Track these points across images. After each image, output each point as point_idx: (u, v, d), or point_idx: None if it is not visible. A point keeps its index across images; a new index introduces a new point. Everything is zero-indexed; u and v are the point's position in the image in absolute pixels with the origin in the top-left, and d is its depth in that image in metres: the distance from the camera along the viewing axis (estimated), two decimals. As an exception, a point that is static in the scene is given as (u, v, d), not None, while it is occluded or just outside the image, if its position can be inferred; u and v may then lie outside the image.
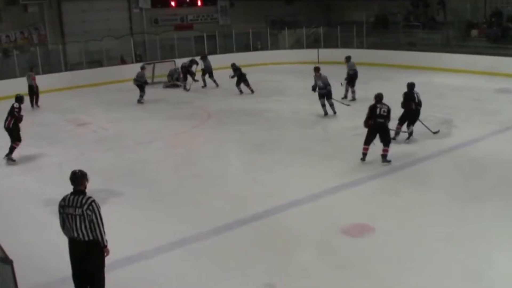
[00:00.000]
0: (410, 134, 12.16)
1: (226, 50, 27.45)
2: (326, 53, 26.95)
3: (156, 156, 12.22)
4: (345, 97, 17.05)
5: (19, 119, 12.16)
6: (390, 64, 23.90)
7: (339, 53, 26.44)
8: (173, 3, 28.53)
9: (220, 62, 25.22)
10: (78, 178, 5.65)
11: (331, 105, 14.77)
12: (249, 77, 20.37)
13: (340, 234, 7.55)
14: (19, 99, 12.56)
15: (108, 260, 6.01)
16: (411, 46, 25.51)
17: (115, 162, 11.69)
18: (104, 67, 24.05)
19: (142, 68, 19.37)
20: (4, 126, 12.12)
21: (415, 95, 12.12)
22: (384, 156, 10.51)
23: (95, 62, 24.44)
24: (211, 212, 8.59)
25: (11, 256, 4.86)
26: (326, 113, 14.84)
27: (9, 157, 11.97)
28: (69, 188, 5.86)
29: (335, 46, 27.49)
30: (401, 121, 12.09)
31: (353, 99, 16.95)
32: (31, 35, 24.20)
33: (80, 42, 23.69)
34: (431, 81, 19.87)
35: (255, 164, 11.23)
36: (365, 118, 10.55)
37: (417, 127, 12.18)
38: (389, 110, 10.55)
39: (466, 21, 24.90)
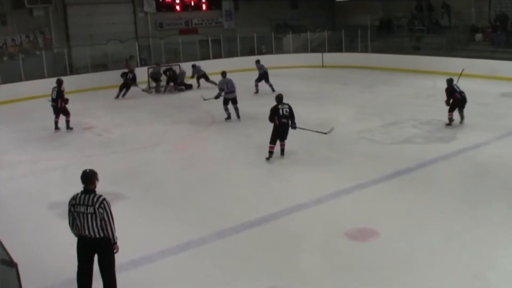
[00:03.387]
0: (462, 117, 13.79)
1: (231, 54, 27.46)
2: (331, 57, 27.03)
3: (161, 159, 12.25)
4: (256, 91, 19.89)
5: (67, 100, 14.97)
6: (394, 68, 23.93)
7: (344, 57, 26.68)
8: (178, 7, 28.57)
9: (225, 66, 25.28)
10: (89, 177, 5.81)
11: (236, 109, 15.29)
12: (253, 81, 20.43)
13: (345, 238, 7.54)
14: (62, 82, 15.27)
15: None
16: (416, 50, 25.52)
17: (120, 165, 11.70)
18: (109, 70, 24.08)
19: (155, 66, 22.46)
20: (57, 106, 14.83)
21: (455, 87, 13.75)
22: (282, 150, 11.46)
23: (100, 66, 24.51)
24: (215, 215, 8.59)
25: (15, 259, 4.86)
26: (229, 117, 15.34)
27: (69, 128, 15.02)
28: (74, 191, 5.93)
29: (340, 50, 27.53)
30: (451, 109, 13.70)
31: (273, 90, 19.20)
32: (36, 38, 24.28)
33: (85, 45, 23.77)
34: (436, 85, 19.86)
35: (260, 168, 11.22)
36: (269, 116, 11.24)
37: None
38: (290, 108, 11.29)
39: (470, 25, 24.87)
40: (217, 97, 15.55)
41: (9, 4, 23.11)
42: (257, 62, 20.87)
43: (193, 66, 22.47)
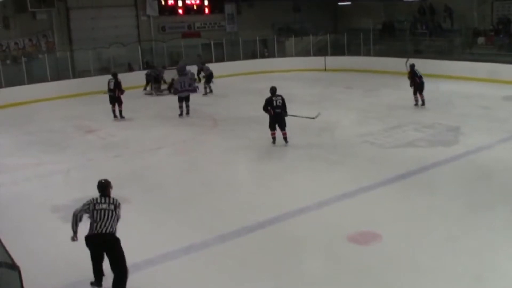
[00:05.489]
0: (423, 100, 16.59)
1: (233, 57, 27.50)
2: (333, 61, 27.03)
3: (164, 162, 12.26)
4: (206, 93, 21.12)
5: (123, 91, 16.71)
6: (397, 72, 23.79)
7: (346, 61, 26.68)
8: (180, 11, 28.58)
9: (227, 69, 25.35)
10: (105, 187, 6.53)
11: (187, 106, 16.78)
12: (256, 84, 20.49)
13: (347, 241, 7.53)
14: (117, 74, 17.11)
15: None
16: (418, 53, 25.48)
17: (123, 169, 11.70)
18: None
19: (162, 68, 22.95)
20: (115, 95, 16.56)
21: (416, 72, 16.54)
22: (285, 139, 12.64)
23: (103, 69, 24.54)
24: (218, 219, 8.60)
25: (18, 262, 4.88)
26: (181, 114, 16.70)
27: (122, 116, 16.90)
28: (76, 194, 6.09)
29: (342, 53, 27.53)
30: (414, 92, 16.72)
31: (211, 91, 21.28)
32: (39, 42, 24.33)
33: (88, 49, 23.82)
34: (438, 89, 19.86)
35: (262, 171, 11.25)
36: (263, 105, 12.54)
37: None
38: (283, 99, 12.54)
39: (473, 29, 24.87)
40: (175, 93, 17.76)
41: (12, 8, 23.15)
42: (203, 63, 22.36)
43: (177, 62, 22.92)
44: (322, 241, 7.64)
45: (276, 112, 12.44)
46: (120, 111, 16.92)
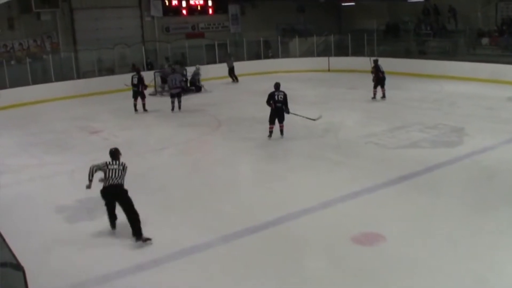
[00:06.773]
0: (383, 93, 18.01)
1: (237, 58, 27.52)
2: (337, 61, 27.03)
3: (167, 163, 12.27)
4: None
5: (146, 86, 18.06)
6: (400, 72, 23.85)
7: (350, 61, 26.67)
8: (184, 12, 28.63)
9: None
10: (114, 153, 8.38)
11: (179, 102, 17.96)
12: (259, 85, 20.46)
13: (350, 242, 7.53)
14: (139, 69, 18.75)
15: (118, 267, 6.04)
16: (422, 54, 25.48)
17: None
18: (116, 74, 24.14)
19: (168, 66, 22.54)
20: (139, 90, 17.77)
21: (379, 67, 17.84)
22: (281, 131, 13.37)
23: (107, 70, 24.59)
24: (221, 220, 8.60)
25: (22, 263, 4.89)
26: (173, 109, 17.83)
27: (145, 110, 18.12)
28: (80, 195, 6.08)
29: (346, 54, 27.52)
30: (375, 86, 18.04)
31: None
32: (43, 43, 24.40)
33: (92, 50, 23.88)
34: (442, 89, 19.86)
35: (266, 172, 11.24)
36: (266, 99, 13.26)
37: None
38: (285, 95, 13.20)
39: (477, 29, 24.83)
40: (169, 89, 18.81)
41: (17, 9, 23.23)
42: (182, 64, 23.24)
43: (167, 59, 23.66)
44: (325, 242, 7.64)
45: (277, 106, 13.04)
46: (143, 105, 18.06)
